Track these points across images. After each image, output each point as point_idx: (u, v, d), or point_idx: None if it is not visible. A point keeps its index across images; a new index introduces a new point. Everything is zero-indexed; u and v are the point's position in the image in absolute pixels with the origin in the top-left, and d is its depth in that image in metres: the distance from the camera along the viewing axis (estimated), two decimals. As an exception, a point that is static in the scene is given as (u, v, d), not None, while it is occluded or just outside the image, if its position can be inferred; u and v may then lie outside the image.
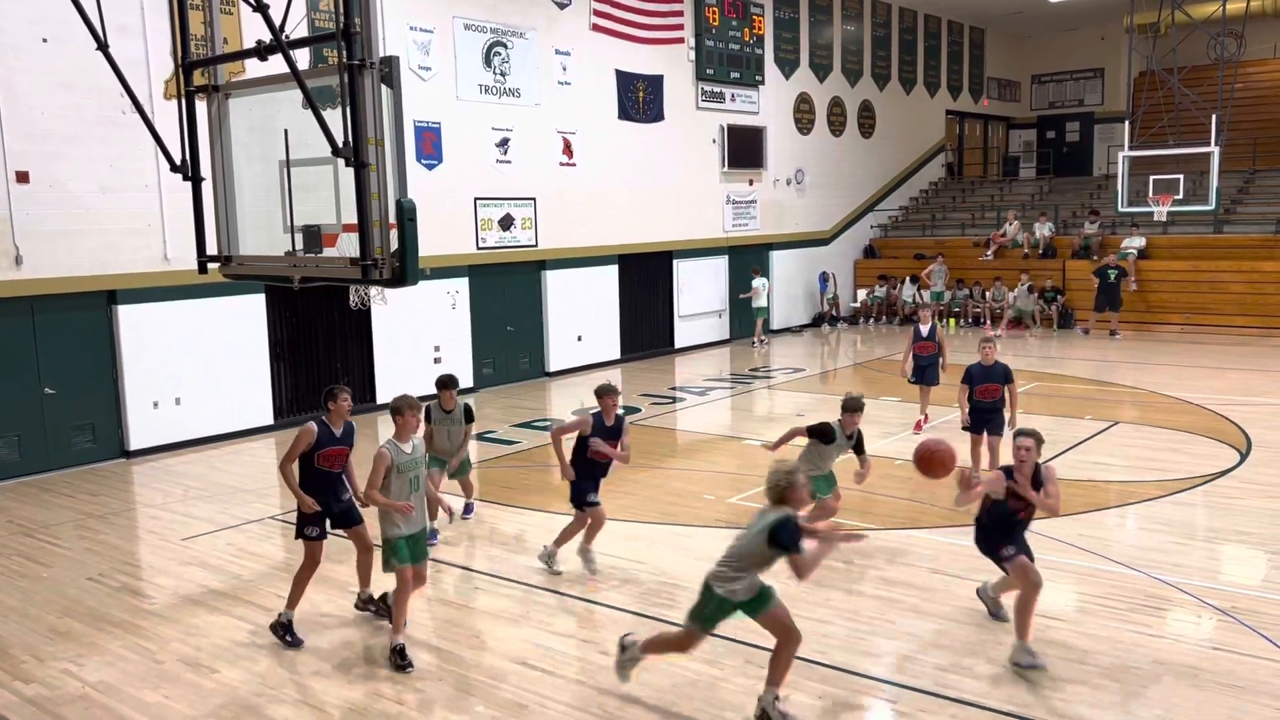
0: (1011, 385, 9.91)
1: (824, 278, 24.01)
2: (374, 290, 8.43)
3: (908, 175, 27.54)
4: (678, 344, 20.71)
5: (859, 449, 8.48)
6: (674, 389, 16.75)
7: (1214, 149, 19.60)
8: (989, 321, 22.53)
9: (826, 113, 24.11)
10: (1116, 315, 20.69)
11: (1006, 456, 9.64)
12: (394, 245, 5.36)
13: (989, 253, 23.87)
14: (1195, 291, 20.96)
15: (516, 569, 8.27)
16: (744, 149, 21.53)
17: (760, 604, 5.58)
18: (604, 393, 8.05)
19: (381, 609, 7.23)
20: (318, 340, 14.68)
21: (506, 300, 17.33)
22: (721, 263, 21.60)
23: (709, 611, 5.62)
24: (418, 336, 15.55)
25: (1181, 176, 20.64)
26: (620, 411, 8.13)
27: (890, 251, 25.78)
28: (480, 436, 13.29)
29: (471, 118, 16.18)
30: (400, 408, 6.65)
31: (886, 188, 26.77)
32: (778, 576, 5.65)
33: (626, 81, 18.87)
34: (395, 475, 6.48)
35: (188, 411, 12.99)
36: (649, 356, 19.92)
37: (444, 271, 15.72)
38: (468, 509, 9.68)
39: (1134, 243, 21.99)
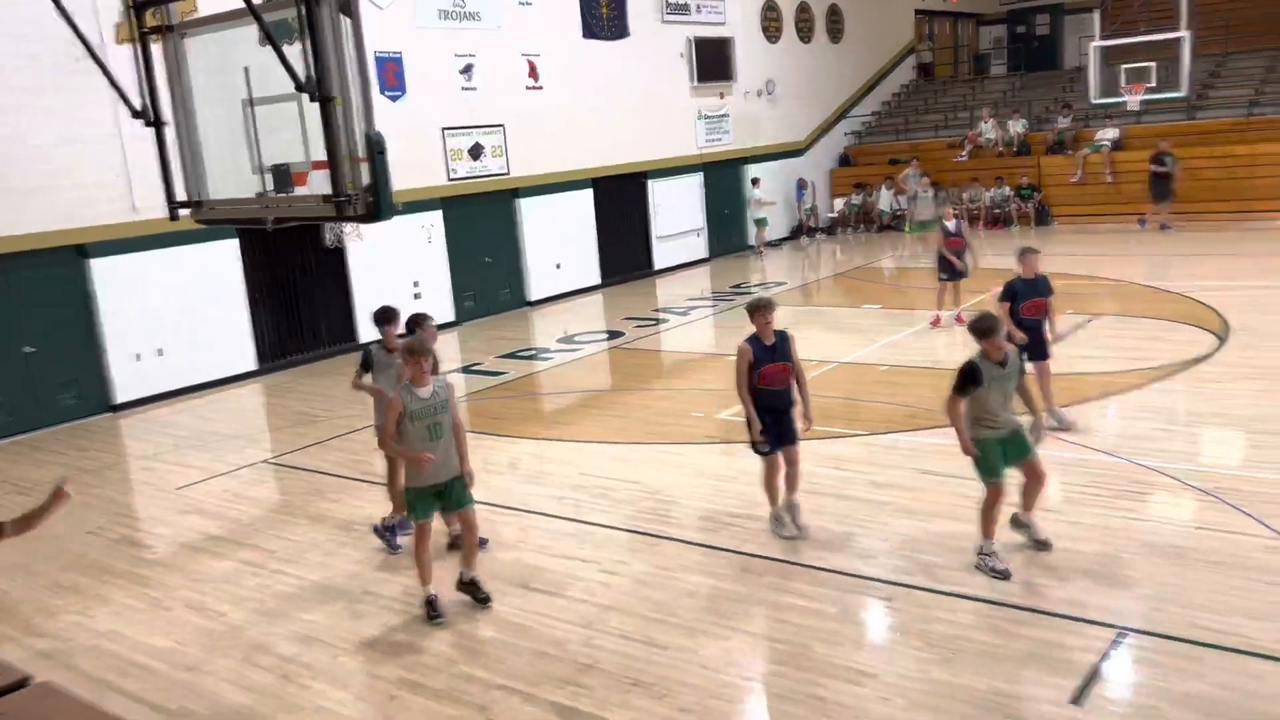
0: (1053, 297, 8.75)
1: (800, 185, 23.86)
2: (348, 227, 8.38)
3: (879, 79, 27.19)
4: (657, 265, 20.63)
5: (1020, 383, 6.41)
6: (657, 310, 16.75)
7: (1185, 34, 19.37)
8: (968, 221, 22.47)
9: (794, 19, 23.67)
10: (1167, 206, 19.94)
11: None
12: (366, 180, 5.28)
13: (964, 153, 23.73)
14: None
15: (511, 495, 8.35)
16: (713, 62, 21.17)
17: None
18: (755, 309, 6.81)
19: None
20: (295, 283, 14.54)
21: (482, 231, 17.17)
22: (696, 180, 21.41)
23: None
24: (395, 274, 15.42)
25: (1153, 64, 20.42)
26: (780, 329, 6.95)
27: (865, 159, 25.59)
28: (467, 369, 13.30)
29: (432, 45, 15.82)
30: (413, 349, 6.13)
31: (858, 94, 26.44)
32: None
33: (589, -2, 18.43)
34: (409, 423, 6.07)
35: (170, 362, 12.91)
36: (629, 280, 19.84)
37: (417, 205, 15.53)
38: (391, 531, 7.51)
39: (1108, 134, 21.88)
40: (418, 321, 7.22)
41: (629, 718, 5.06)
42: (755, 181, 22.36)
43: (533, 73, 17.51)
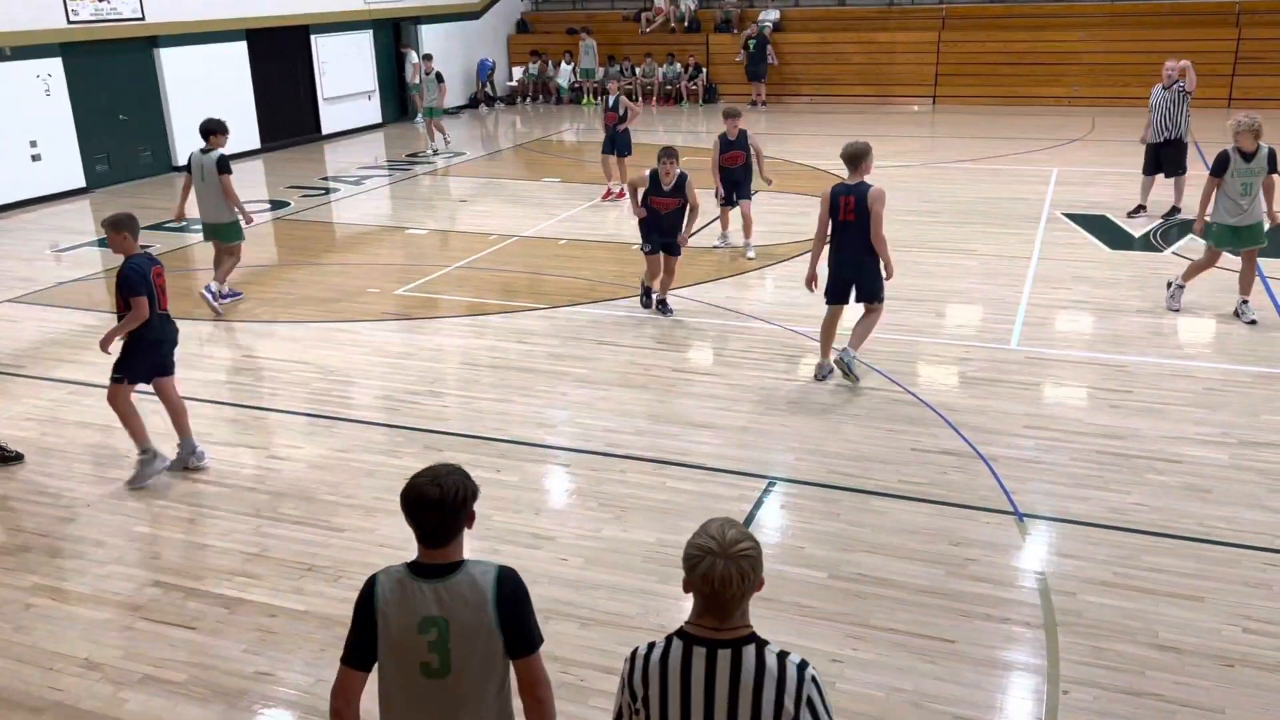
0: (755, 154, 10.78)
1: (483, 66, 23.03)
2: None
3: (556, -56, 26.64)
4: (325, 130, 19.32)
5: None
6: (326, 179, 15.74)
7: (837, -78, 20.55)
8: (640, 97, 22.91)
9: None
10: (761, 85, 21.82)
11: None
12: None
13: (648, 28, 23.93)
14: (822, 63, 22.44)
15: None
16: (379, -91, 19.68)
17: None
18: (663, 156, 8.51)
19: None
20: None
21: (116, 85, 15.14)
22: (365, 38, 20.07)
23: None
24: (6, 130, 13.28)
25: (809, -50, 21.57)
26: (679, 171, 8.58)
27: (543, 26, 25.19)
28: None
29: None
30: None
31: (535, -43, 25.81)
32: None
33: None
34: None
35: None
36: (293, 144, 18.45)
37: (28, 51, 13.36)
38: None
39: (769, 16, 22.96)
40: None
41: (302, 604, 4.88)
42: (428, 57, 21.11)
43: (169, -98, 15.36)
